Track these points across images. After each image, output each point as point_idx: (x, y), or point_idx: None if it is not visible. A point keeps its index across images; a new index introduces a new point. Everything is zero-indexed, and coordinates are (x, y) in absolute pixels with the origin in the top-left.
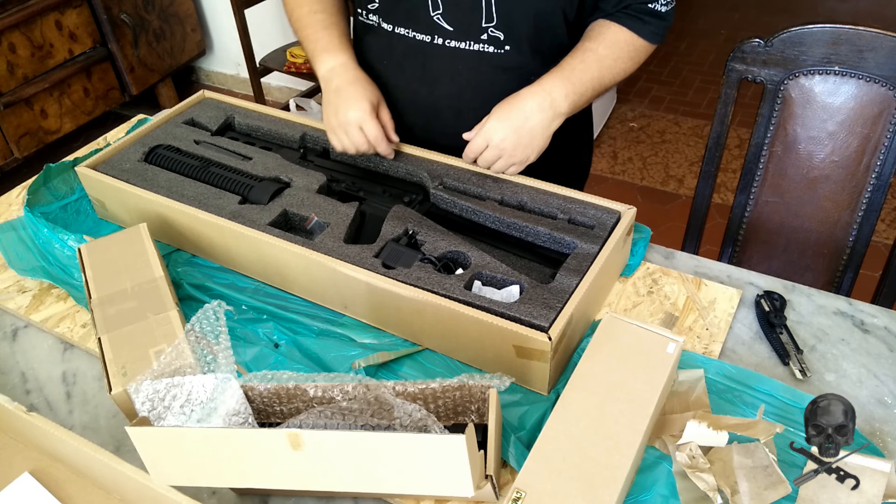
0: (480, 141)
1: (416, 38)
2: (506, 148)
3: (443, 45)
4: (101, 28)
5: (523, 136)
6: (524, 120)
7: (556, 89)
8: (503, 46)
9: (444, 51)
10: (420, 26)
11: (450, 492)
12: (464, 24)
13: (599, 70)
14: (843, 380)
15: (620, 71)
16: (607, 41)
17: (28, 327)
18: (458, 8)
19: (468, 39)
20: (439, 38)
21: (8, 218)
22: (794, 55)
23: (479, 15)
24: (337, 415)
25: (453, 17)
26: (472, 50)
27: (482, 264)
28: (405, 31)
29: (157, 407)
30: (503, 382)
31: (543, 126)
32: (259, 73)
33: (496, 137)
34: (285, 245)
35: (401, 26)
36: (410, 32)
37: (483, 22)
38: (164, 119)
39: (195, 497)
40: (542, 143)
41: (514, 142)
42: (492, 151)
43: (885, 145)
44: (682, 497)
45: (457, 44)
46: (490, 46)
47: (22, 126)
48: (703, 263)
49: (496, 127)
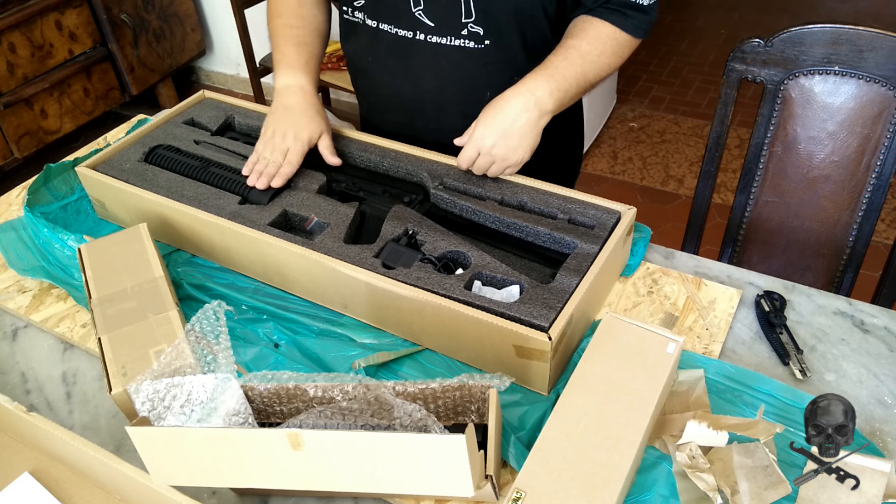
0: (471, 150)
1: (399, 34)
2: (497, 154)
3: (425, 41)
4: (101, 28)
5: (512, 139)
6: (511, 122)
7: (540, 88)
8: (483, 41)
9: (426, 46)
10: (403, 22)
11: (450, 492)
12: (444, 20)
13: (583, 66)
14: (843, 380)
15: (605, 66)
16: (590, 37)
17: (28, 327)
18: (437, 4)
19: (449, 35)
20: (421, 33)
21: (8, 218)
22: (794, 55)
23: (458, 10)
24: (337, 415)
25: (434, 13)
26: (453, 45)
27: (482, 264)
28: (388, 27)
29: (157, 407)
30: (503, 382)
31: (531, 125)
32: (259, 73)
33: (486, 144)
34: (285, 245)
35: (384, 22)
36: (393, 28)
37: (463, 17)
38: (164, 119)
39: (195, 497)
40: (533, 141)
41: (504, 145)
42: (484, 158)
43: (885, 145)
44: (682, 497)
45: (438, 39)
46: (470, 42)
47: (22, 126)
48: (703, 263)
49: (484, 133)
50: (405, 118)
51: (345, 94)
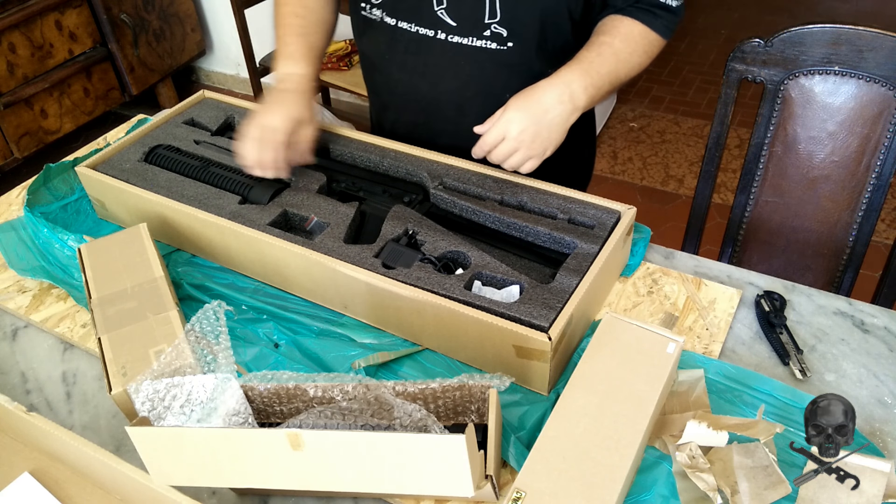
0: (497, 133)
1: (419, 32)
2: (524, 140)
3: (446, 41)
4: (101, 28)
5: (542, 129)
6: (544, 112)
7: (575, 82)
8: (506, 43)
9: (447, 46)
10: (424, 21)
11: (450, 492)
12: (467, 20)
13: (616, 63)
14: (843, 380)
15: (636, 65)
16: (622, 34)
17: (28, 327)
18: (462, 3)
19: (471, 35)
20: (442, 33)
21: (8, 218)
22: (794, 55)
23: (482, 11)
24: (337, 415)
25: (457, 13)
26: (474, 46)
27: (482, 264)
28: (408, 25)
29: (157, 407)
30: (503, 382)
31: (563, 118)
32: (259, 73)
33: (515, 129)
34: (285, 245)
35: (404, 21)
36: (413, 27)
37: (486, 18)
38: (164, 119)
39: (195, 497)
40: (560, 136)
41: (533, 133)
42: (508, 144)
43: (885, 145)
44: (682, 497)
45: (460, 39)
46: (493, 43)
47: (22, 126)
48: (703, 263)
49: (515, 118)
50: (421, 118)
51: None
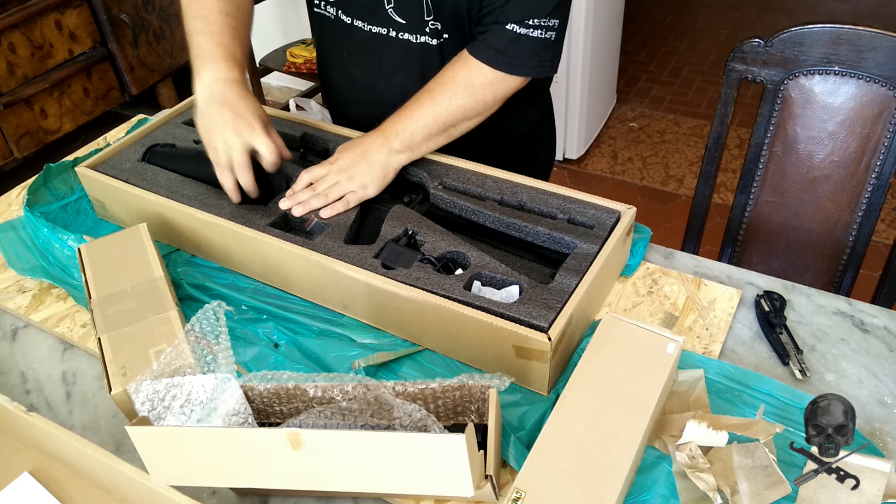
0: (322, 169)
1: (373, 30)
2: (343, 168)
3: (397, 38)
4: (101, 28)
5: (362, 164)
6: (364, 151)
7: (389, 128)
8: (441, 36)
9: (398, 43)
10: (377, 19)
11: (450, 492)
12: (412, 17)
13: (432, 108)
14: (843, 380)
15: (458, 108)
16: (445, 78)
17: (28, 327)
18: (406, 1)
19: (416, 32)
20: (393, 30)
21: (8, 218)
22: (794, 55)
23: (422, 8)
24: (337, 415)
25: (403, 11)
26: (420, 42)
27: (482, 264)
28: (362, 23)
29: (157, 407)
30: (503, 382)
31: (381, 160)
32: (259, 73)
33: (340, 163)
34: (285, 245)
35: (359, 19)
36: (367, 25)
37: (426, 15)
38: (164, 119)
39: (195, 497)
40: (382, 174)
41: (351, 164)
42: (332, 176)
43: (885, 145)
44: (681, 497)
45: (408, 36)
46: (433, 39)
47: (22, 126)
48: (703, 263)
49: (341, 155)
50: (380, 113)
51: None
